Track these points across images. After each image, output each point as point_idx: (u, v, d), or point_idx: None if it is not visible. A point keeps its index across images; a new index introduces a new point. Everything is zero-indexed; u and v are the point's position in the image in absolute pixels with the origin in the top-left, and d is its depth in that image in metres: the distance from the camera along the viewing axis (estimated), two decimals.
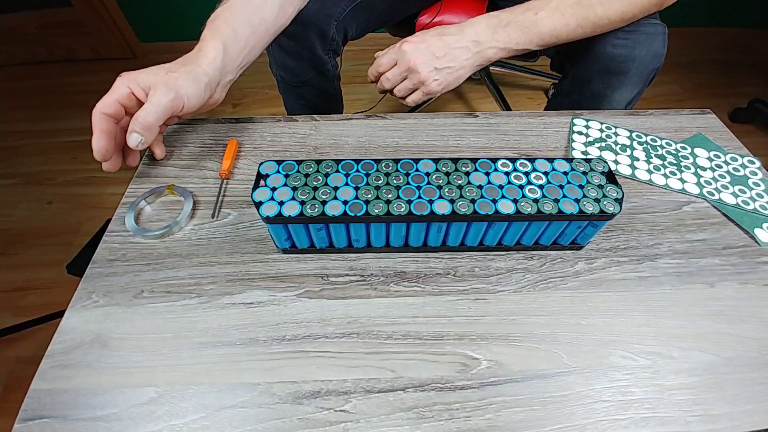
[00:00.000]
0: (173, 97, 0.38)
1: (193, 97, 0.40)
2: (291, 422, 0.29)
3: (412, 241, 0.38)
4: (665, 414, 0.30)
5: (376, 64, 0.55)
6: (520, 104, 1.46)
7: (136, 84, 0.38)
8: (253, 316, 0.35)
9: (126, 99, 0.38)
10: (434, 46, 0.51)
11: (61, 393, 0.30)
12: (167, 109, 0.38)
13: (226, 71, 0.43)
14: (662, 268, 0.38)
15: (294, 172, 0.36)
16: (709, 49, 1.65)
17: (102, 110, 0.38)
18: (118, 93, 0.38)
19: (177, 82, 0.38)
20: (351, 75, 1.55)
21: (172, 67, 0.40)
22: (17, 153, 1.30)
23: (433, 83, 0.52)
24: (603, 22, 0.49)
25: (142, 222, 0.41)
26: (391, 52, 0.54)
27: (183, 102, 0.39)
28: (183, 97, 0.39)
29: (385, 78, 0.54)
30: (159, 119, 0.38)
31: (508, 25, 0.50)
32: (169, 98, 0.38)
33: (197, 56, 0.41)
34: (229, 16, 0.44)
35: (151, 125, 0.38)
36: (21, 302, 0.95)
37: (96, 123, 0.38)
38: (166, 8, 1.52)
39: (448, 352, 0.33)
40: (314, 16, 0.62)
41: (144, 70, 0.39)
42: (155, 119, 0.38)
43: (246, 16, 0.45)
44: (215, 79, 0.42)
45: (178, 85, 0.38)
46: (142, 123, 0.37)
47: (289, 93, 0.77)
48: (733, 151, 0.49)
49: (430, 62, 0.51)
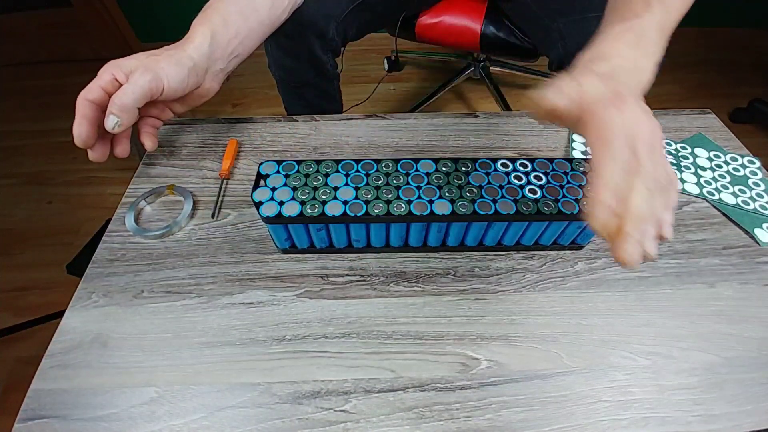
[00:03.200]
0: (151, 78, 0.37)
1: (174, 80, 0.39)
2: (291, 422, 0.29)
3: (412, 241, 0.38)
4: (665, 414, 0.30)
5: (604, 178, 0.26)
6: (520, 104, 1.46)
7: (119, 69, 0.38)
8: (253, 316, 0.35)
9: (109, 84, 0.38)
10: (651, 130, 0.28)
11: (61, 393, 0.30)
12: (145, 90, 0.37)
13: (214, 58, 0.42)
14: (662, 268, 0.38)
15: (294, 172, 0.36)
16: (709, 49, 1.65)
17: (85, 96, 0.37)
18: (102, 79, 0.38)
19: (158, 65, 0.38)
20: (351, 75, 1.55)
21: (156, 51, 0.39)
22: (17, 153, 1.30)
23: None
24: None
25: (142, 222, 0.41)
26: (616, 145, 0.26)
27: (162, 83, 0.38)
28: (162, 79, 0.38)
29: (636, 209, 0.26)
30: (136, 100, 0.37)
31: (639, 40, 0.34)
32: (146, 79, 0.37)
33: (183, 42, 0.41)
34: (220, 6, 0.44)
35: (127, 106, 0.37)
36: (21, 302, 0.95)
37: (78, 109, 0.37)
38: (166, 8, 1.52)
39: (448, 352, 0.33)
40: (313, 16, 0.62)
41: (129, 56, 0.39)
42: (132, 100, 0.37)
43: (238, 6, 0.44)
44: (202, 65, 0.41)
45: (158, 67, 0.38)
46: (118, 104, 0.36)
47: (289, 93, 0.77)
48: (733, 151, 0.49)
49: None
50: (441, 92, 1.36)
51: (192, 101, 0.45)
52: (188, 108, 0.46)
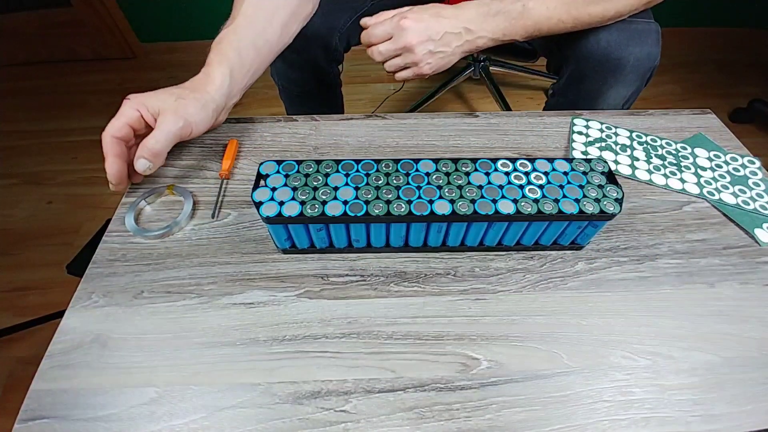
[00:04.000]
0: (182, 126, 0.39)
1: (201, 124, 0.41)
2: (291, 422, 0.29)
3: (412, 241, 0.38)
4: (665, 414, 0.30)
5: (369, 34, 0.52)
6: (520, 104, 1.46)
7: (145, 109, 0.39)
8: (253, 316, 0.35)
9: (135, 122, 0.39)
10: (432, 28, 0.50)
11: (61, 393, 0.30)
12: (176, 137, 0.39)
13: (231, 95, 0.44)
14: (662, 268, 0.38)
15: (294, 172, 0.36)
16: (709, 49, 1.65)
17: (113, 134, 0.38)
18: (127, 116, 0.38)
19: (187, 110, 0.39)
20: (352, 75, 1.55)
21: (182, 93, 0.40)
22: (17, 153, 1.30)
23: (426, 66, 0.52)
24: (585, 18, 0.50)
25: (142, 222, 0.41)
26: (387, 25, 0.51)
27: (191, 129, 0.40)
28: (191, 125, 0.40)
29: (378, 51, 0.52)
30: (167, 147, 0.39)
31: (497, 14, 0.50)
32: (178, 126, 0.38)
33: (205, 82, 0.42)
34: (234, 39, 0.44)
35: (160, 152, 0.38)
36: (21, 302, 0.95)
37: (108, 148, 0.38)
38: (166, 8, 1.52)
39: (448, 352, 0.33)
40: (318, 30, 0.62)
41: (152, 93, 0.40)
42: (163, 147, 0.38)
43: (251, 39, 0.45)
44: (222, 104, 0.43)
45: (187, 113, 0.39)
46: (151, 150, 0.38)
47: (292, 100, 0.78)
48: (733, 151, 0.49)
49: (427, 44, 0.50)
50: (441, 92, 1.36)
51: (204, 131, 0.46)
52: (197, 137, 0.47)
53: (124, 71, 1.61)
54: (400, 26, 0.50)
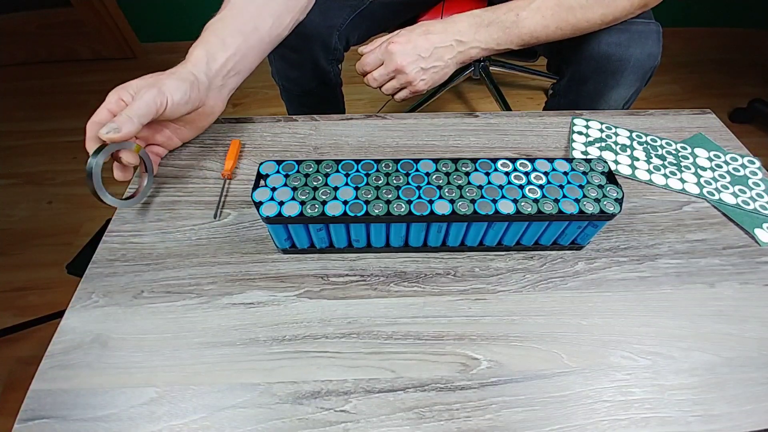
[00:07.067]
0: (155, 93, 0.38)
1: (177, 94, 0.39)
2: (291, 422, 0.29)
3: (412, 241, 0.38)
4: (665, 414, 0.30)
5: (362, 63, 0.55)
6: (520, 104, 1.46)
7: (125, 91, 0.39)
8: (253, 316, 0.35)
9: (115, 106, 0.39)
10: (420, 46, 0.51)
11: (61, 393, 0.30)
12: (149, 104, 0.38)
13: (213, 75, 0.43)
14: (662, 268, 0.38)
15: (294, 172, 0.36)
16: (709, 49, 1.65)
17: (93, 120, 0.38)
18: (108, 102, 0.39)
19: (161, 82, 0.39)
20: (352, 75, 1.54)
21: (161, 73, 0.41)
22: (17, 153, 1.30)
23: (420, 83, 0.53)
24: (582, 25, 0.50)
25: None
26: (377, 52, 0.54)
27: (166, 98, 0.39)
28: (165, 93, 0.39)
29: (372, 78, 0.55)
30: (140, 115, 0.37)
31: (489, 24, 0.51)
32: (150, 94, 0.38)
33: (183, 62, 0.42)
34: (219, 27, 0.44)
35: (129, 118, 0.37)
36: (21, 302, 0.95)
37: (88, 132, 0.38)
38: (166, 8, 1.52)
39: (448, 352, 0.33)
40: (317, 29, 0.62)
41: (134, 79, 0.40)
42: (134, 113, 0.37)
43: (237, 26, 0.45)
44: (203, 81, 0.42)
45: (161, 83, 0.39)
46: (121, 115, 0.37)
47: (292, 101, 0.78)
48: (733, 151, 0.49)
49: (417, 63, 0.52)
50: (441, 92, 1.36)
51: (199, 122, 0.46)
52: (196, 133, 0.48)
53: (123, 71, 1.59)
54: (389, 51, 0.52)
